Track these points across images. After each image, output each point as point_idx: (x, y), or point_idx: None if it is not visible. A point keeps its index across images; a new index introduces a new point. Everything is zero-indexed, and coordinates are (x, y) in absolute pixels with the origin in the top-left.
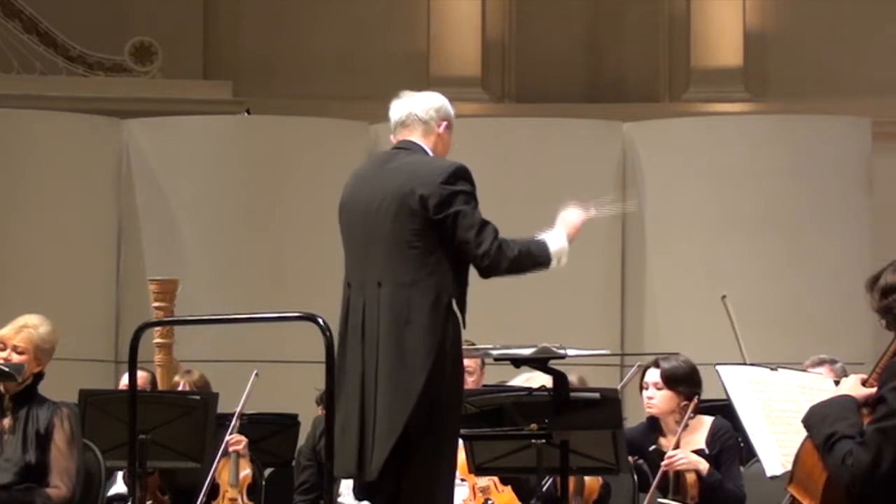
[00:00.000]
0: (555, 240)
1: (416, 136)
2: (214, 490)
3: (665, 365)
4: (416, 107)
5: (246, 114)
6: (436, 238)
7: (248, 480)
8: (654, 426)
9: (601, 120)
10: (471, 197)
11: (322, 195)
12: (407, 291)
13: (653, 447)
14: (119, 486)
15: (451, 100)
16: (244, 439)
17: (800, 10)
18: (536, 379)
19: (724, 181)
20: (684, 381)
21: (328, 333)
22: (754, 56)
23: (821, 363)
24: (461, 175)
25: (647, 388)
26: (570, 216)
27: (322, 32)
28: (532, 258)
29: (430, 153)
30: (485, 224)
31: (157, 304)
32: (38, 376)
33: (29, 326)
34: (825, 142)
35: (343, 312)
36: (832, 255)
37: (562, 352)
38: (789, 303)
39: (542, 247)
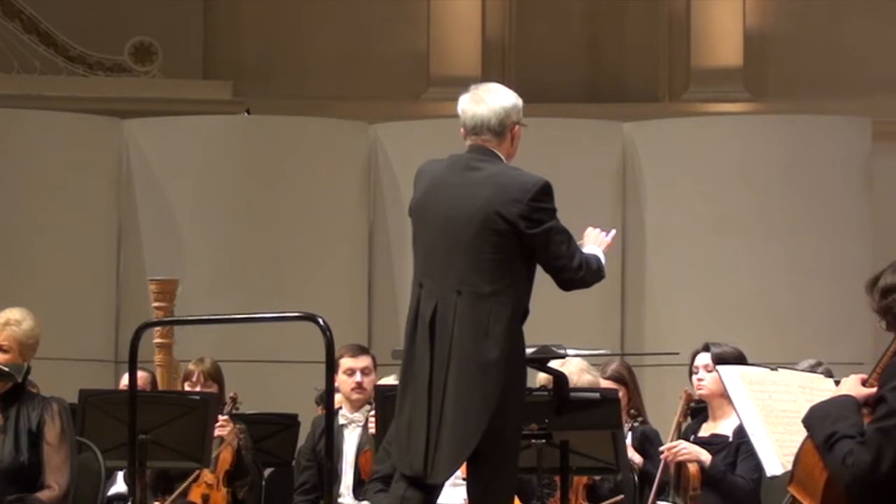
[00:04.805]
0: (601, 253)
1: (490, 145)
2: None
3: (715, 349)
4: (490, 112)
5: (246, 114)
6: (516, 251)
7: (225, 466)
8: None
9: (601, 120)
10: (555, 213)
11: (322, 195)
12: (487, 303)
13: (692, 435)
14: (119, 486)
15: (450, 100)
16: (229, 424)
17: (800, 10)
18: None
19: (724, 181)
20: (734, 364)
21: (328, 333)
22: (754, 56)
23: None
24: (547, 191)
25: (696, 372)
26: (597, 235)
27: (322, 32)
28: (601, 270)
29: (504, 160)
30: (571, 237)
31: (157, 304)
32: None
33: (11, 323)
34: (825, 142)
35: (412, 312)
36: (832, 256)
37: (562, 352)
38: (789, 303)
39: (600, 260)
